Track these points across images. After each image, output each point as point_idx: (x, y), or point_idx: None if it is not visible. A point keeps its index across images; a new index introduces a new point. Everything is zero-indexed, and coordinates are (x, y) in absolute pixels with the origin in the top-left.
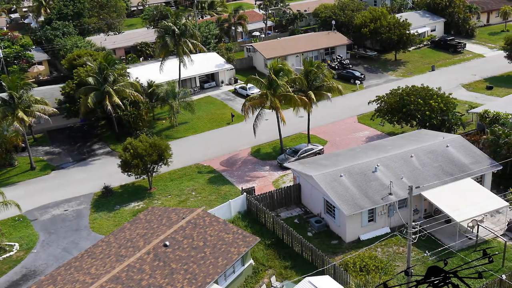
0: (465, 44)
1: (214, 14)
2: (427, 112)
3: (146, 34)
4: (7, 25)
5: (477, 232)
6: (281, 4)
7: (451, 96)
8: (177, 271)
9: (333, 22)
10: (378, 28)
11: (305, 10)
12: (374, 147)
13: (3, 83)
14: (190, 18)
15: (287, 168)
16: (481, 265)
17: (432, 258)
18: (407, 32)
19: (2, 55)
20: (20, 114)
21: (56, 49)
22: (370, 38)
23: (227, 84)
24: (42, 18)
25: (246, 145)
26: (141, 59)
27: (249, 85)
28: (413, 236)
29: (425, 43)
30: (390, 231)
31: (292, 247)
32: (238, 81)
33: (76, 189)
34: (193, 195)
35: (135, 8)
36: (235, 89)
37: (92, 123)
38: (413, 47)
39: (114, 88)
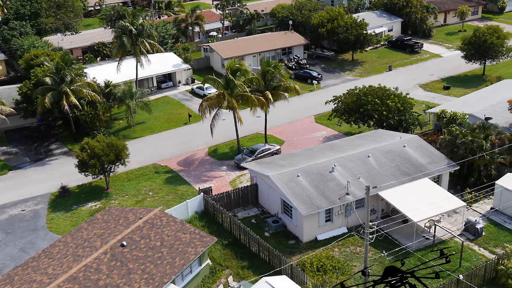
0: (422, 44)
1: (171, 14)
2: (384, 112)
3: (103, 34)
4: None
5: (434, 232)
6: (238, 4)
7: (408, 96)
8: (134, 271)
9: (290, 22)
10: (335, 28)
11: (262, 10)
12: (331, 147)
13: None
14: (147, 18)
15: (244, 168)
16: (438, 265)
17: (389, 258)
18: (364, 32)
19: None
20: None
21: (13, 49)
22: (327, 38)
23: (184, 84)
24: None
25: (203, 145)
26: (98, 59)
27: (206, 85)
28: (370, 236)
29: (382, 43)
30: (347, 231)
31: (249, 247)
32: (195, 81)
33: (33, 189)
34: (150, 195)
35: (92, 8)
36: (192, 89)
37: (49, 123)
38: (370, 47)
39: (71, 88)
